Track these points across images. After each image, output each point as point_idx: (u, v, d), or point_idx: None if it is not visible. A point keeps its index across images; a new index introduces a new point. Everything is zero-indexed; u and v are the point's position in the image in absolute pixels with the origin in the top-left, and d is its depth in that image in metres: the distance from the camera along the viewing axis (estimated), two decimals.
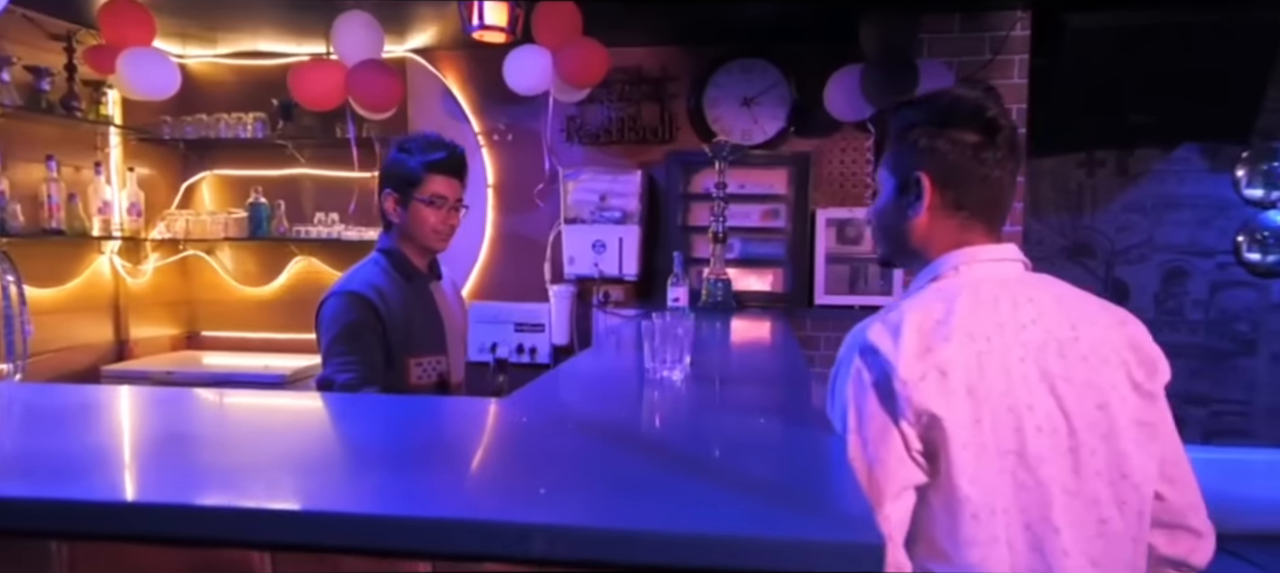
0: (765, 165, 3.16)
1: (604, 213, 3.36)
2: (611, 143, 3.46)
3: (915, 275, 1.12)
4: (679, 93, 3.40)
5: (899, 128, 1.10)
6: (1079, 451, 0.97)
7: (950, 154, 1.04)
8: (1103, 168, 3.12)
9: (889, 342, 0.97)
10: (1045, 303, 1.01)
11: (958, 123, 1.04)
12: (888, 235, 1.15)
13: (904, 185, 1.09)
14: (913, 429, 0.96)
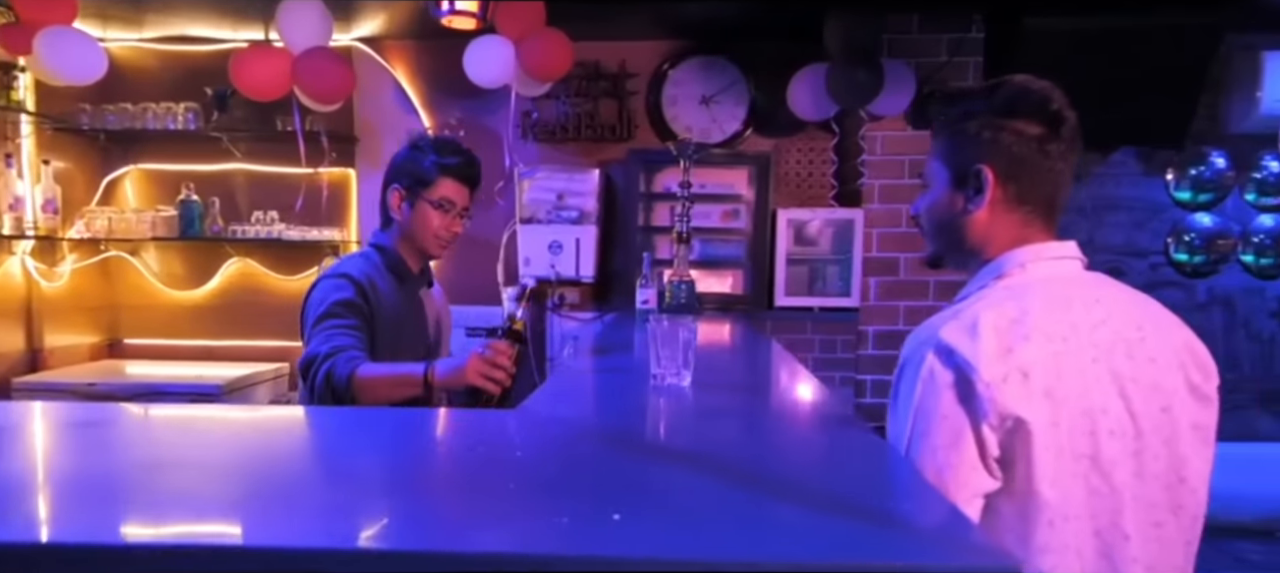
0: (726, 165, 3.15)
1: (561, 212, 3.29)
2: (568, 140, 3.39)
3: (973, 274, 1.07)
4: (637, 89, 3.36)
5: (955, 118, 1.05)
6: (1143, 454, 0.96)
7: (1015, 146, 1.01)
8: None
9: (967, 341, 0.93)
10: (1112, 303, 0.99)
11: (1023, 114, 1.01)
12: (941, 231, 1.09)
13: (961, 178, 1.05)
14: (994, 434, 0.92)
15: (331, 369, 1.44)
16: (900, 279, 3.02)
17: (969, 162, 1.03)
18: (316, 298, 1.58)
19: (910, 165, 2.99)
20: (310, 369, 1.47)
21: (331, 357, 1.44)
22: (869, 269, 3.02)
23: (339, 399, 1.42)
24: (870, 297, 3.03)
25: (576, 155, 3.41)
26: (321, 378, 1.44)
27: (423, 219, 1.67)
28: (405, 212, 1.68)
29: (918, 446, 0.96)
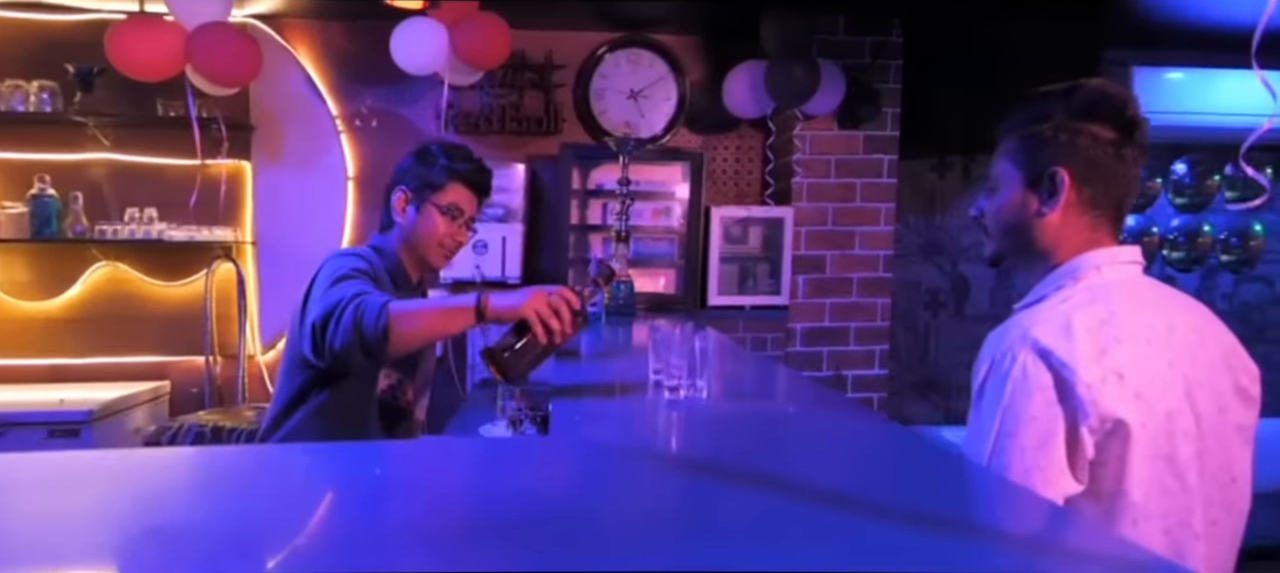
0: (658, 161, 3.12)
1: (487, 209, 3.13)
2: (491, 133, 3.24)
3: (1040, 275, 1.08)
4: (564, 82, 3.26)
5: (1029, 120, 1.07)
6: (1204, 455, 0.99)
7: (1091, 150, 1.02)
8: (951, 171, 3.45)
9: (1064, 342, 0.94)
10: (1176, 307, 1.03)
11: (1100, 118, 1.02)
12: (1009, 232, 1.10)
13: (1035, 180, 1.06)
14: (1092, 436, 0.93)
15: (361, 307, 1.27)
16: (827, 277, 3.11)
17: (1044, 164, 1.04)
18: (331, 267, 1.43)
19: (836, 165, 3.09)
20: (331, 317, 1.28)
21: (357, 298, 1.29)
22: (798, 267, 3.09)
23: (367, 341, 1.25)
24: (799, 295, 3.11)
25: (500, 149, 3.26)
26: (350, 317, 1.26)
27: (429, 224, 1.58)
28: (411, 215, 1.59)
29: (1005, 445, 0.95)
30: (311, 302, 1.40)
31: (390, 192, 1.60)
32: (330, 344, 1.28)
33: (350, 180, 3.22)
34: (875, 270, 3.10)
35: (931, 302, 3.43)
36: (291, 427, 1.52)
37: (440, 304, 1.32)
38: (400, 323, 1.26)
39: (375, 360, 1.30)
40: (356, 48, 3.16)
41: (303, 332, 1.38)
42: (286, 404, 1.52)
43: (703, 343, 1.21)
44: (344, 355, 1.28)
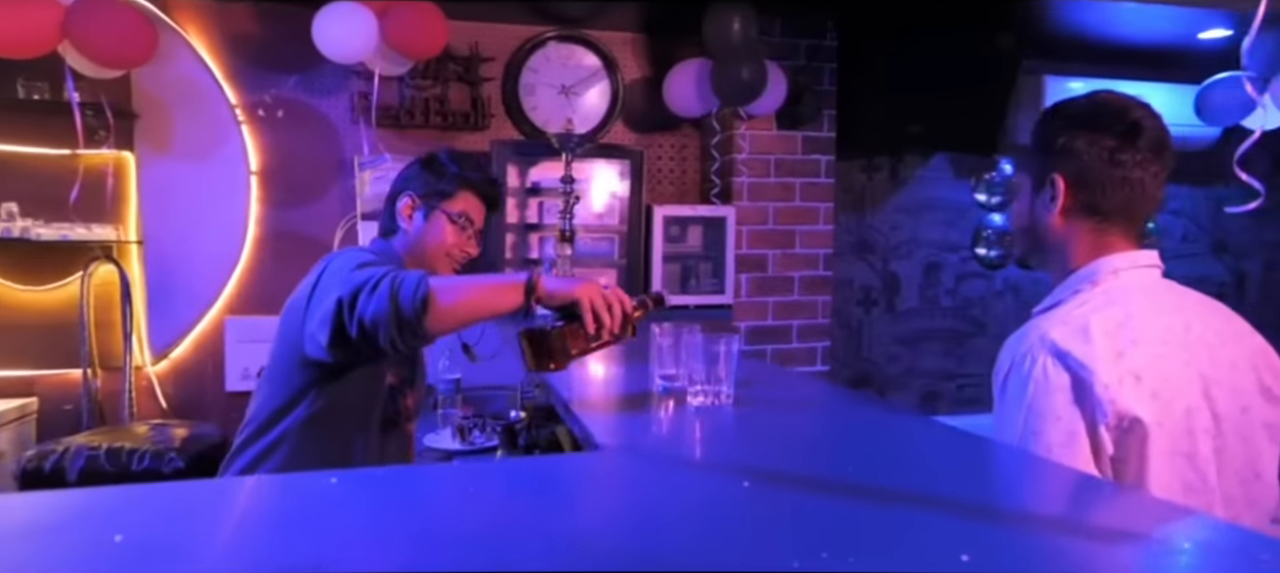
0: (597, 158, 3.00)
1: None
2: (414, 127, 3.01)
3: (1059, 277, 1.11)
4: (493, 76, 3.08)
5: (1039, 128, 1.10)
6: (1224, 452, 1.01)
7: (1085, 155, 1.05)
8: (880, 172, 3.51)
9: (1081, 344, 0.96)
10: (1194, 310, 1.06)
11: (1099, 125, 1.05)
12: (1025, 234, 1.15)
13: (1039, 185, 1.09)
14: (1110, 434, 0.95)
15: (398, 278, 1.13)
16: (769, 275, 3.08)
17: (1045, 170, 1.08)
18: (347, 258, 1.30)
19: (776, 164, 3.07)
20: (362, 290, 1.14)
21: (390, 274, 1.16)
22: (741, 266, 3.05)
23: (404, 313, 1.11)
24: (742, 294, 3.07)
25: (423, 144, 3.04)
26: (386, 287, 1.12)
27: (438, 233, 1.48)
28: (418, 222, 1.49)
29: (1030, 445, 0.97)
30: (324, 289, 1.25)
31: (394, 198, 1.52)
32: (360, 316, 1.13)
33: (253, 175, 2.92)
34: (815, 269, 3.10)
35: (864, 299, 3.48)
36: (278, 434, 1.34)
37: (485, 280, 1.21)
38: (442, 296, 1.13)
39: (408, 339, 1.14)
40: (264, 32, 2.87)
41: (310, 323, 1.24)
42: (276, 410, 1.35)
43: (728, 347, 1.12)
44: (371, 331, 1.13)
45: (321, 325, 1.20)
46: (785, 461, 0.85)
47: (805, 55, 3.05)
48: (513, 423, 1.88)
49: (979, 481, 0.79)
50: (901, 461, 0.89)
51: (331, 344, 1.19)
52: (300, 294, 1.36)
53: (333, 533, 0.58)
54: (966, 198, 3.62)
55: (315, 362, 1.29)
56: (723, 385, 1.12)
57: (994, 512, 0.64)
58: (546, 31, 3.10)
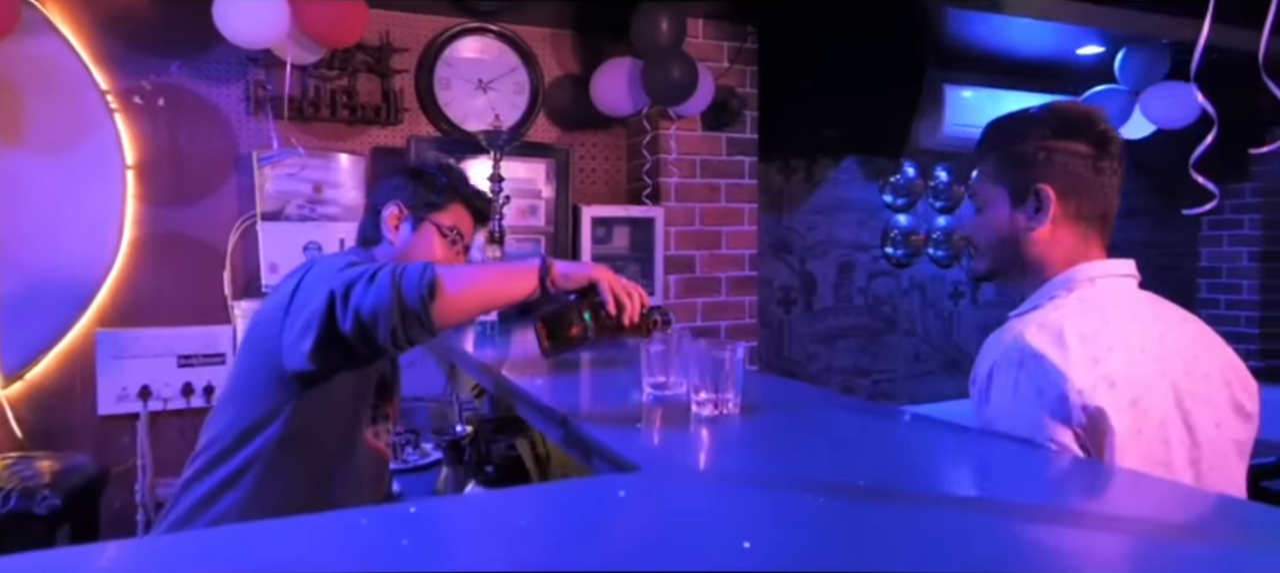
0: (521, 156, 2.87)
1: (319, 207, 2.69)
2: (319, 120, 2.78)
3: (1034, 287, 1.09)
4: (405, 68, 2.89)
5: (1007, 138, 1.09)
6: (1200, 463, 1.02)
7: (1071, 165, 1.05)
8: (796, 174, 3.57)
9: (1057, 351, 0.95)
10: (1168, 321, 1.06)
11: (1076, 134, 1.05)
12: (1000, 248, 1.11)
13: (1020, 198, 1.07)
14: (1086, 439, 0.95)
15: (399, 268, 1.04)
16: (697, 276, 3.06)
17: (1028, 181, 1.07)
18: (332, 262, 1.18)
19: (702, 165, 3.05)
20: (356, 283, 1.04)
21: (389, 265, 1.05)
22: (670, 267, 3.01)
23: (409, 304, 1.01)
24: (671, 295, 3.02)
25: (331, 139, 2.82)
26: (387, 277, 1.02)
27: (426, 245, 1.37)
28: (405, 232, 1.37)
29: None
30: (306, 294, 1.12)
31: (378, 208, 1.40)
32: (357, 309, 1.02)
33: (129, 169, 2.60)
34: (741, 269, 3.10)
35: (784, 298, 3.52)
36: (245, 457, 1.18)
37: (493, 267, 1.17)
38: (449, 283, 1.03)
39: (413, 331, 1.03)
40: (140, 10, 2.56)
41: (289, 333, 1.11)
42: (244, 431, 1.19)
43: (734, 355, 1.06)
44: (370, 325, 1.02)
45: (306, 330, 1.08)
46: (838, 471, 0.81)
47: (728, 58, 3.05)
48: (458, 438, 1.74)
49: (1044, 485, 0.76)
50: (945, 464, 0.86)
51: (317, 348, 1.07)
52: (274, 304, 1.21)
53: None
54: (876, 199, 3.75)
55: (294, 375, 1.15)
56: (730, 395, 1.06)
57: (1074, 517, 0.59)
58: (462, 23, 2.95)
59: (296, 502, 1.16)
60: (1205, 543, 0.62)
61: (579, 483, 0.76)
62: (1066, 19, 3.12)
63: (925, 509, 0.66)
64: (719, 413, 1.04)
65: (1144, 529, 0.63)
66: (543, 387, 1.25)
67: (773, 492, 0.71)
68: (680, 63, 2.61)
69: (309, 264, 1.21)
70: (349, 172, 2.72)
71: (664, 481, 0.73)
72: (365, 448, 1.27)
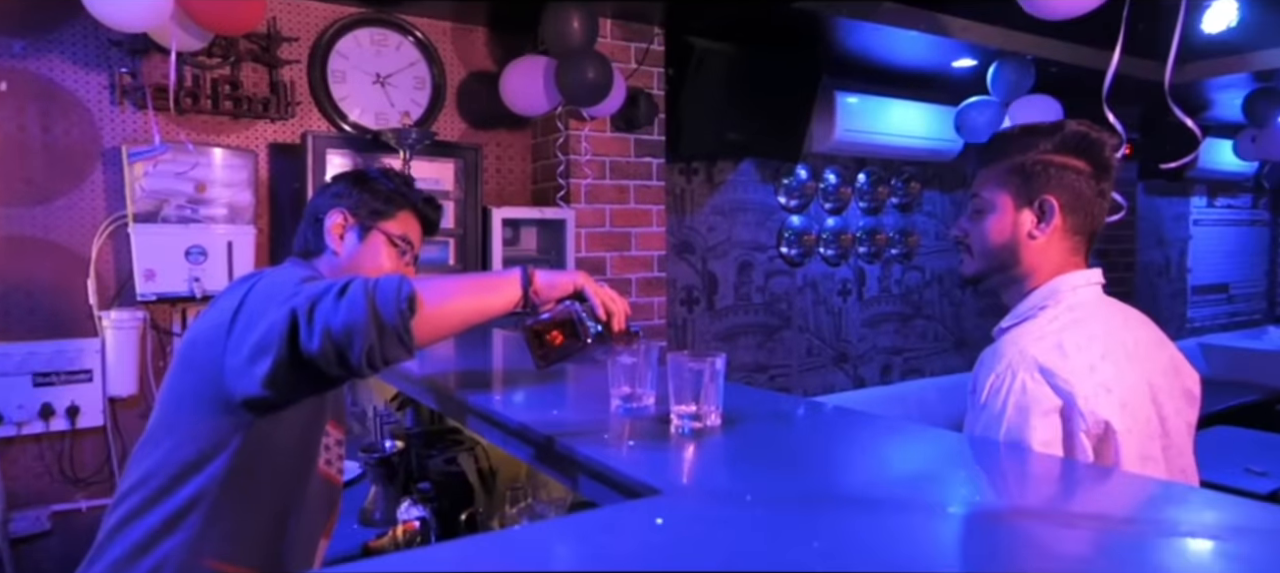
0: (428, 156, 2.75)
1: (201, 207, 2.47)
2: (197, 112, 2.55)
3: (1021, 294, 1.15)
4: (296, 58, 2.70)
5: (1018, 148, 1.14)
6: (1169, 450, 1.12)
7: (1077, 183, 1.12)
8: (697, 176, 3.63)
9: (1058, 359, 1.03)
10: (1136, 323, 1.16)
11: (1085, 154, 1.12)
12: (998, 252, 1.16)
13: (1023, 205, 1.13)
14: (1090, 442, 1.02)
15: (372, 282, 0.95)
16: (608, 278, 3.05)
17: (1036, 192, 1.13)
18: (282, 275, 1.08)
19: (611, 166, 3.05)
20: (322, 298, 0.94)
21: (358, 279, 0.98)
22: (580, 269, 2.98)
23: (386, 320, 0.93)
24: None
25: (212, 133, 2.59)
26: (359, 291, 0.93)
27: (374, 255, 1.27)
28: (351, 242, 1.27)
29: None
30: (253, 312, 1.01)
31: (320, 215, 1.30)
32: (326, 327, 0.93)
33: None
34: (651, 270, 3.12)
35: (687, 298, 3.58)
36: (187, 497, 1.05)
37: (472, 279, 1.10)
38: (429, 297, 0.96)
39: (390, 350, 0.94)
40: None
41: (236, 355, 1.01)
42: (184, 466, 1.06)
43: (714, 367, 1.06)
44: (342, 344, 0.93)
45: (260, 353, 0.97)
46: (867, 483, 0.82)
47: (635, 59, 3.06)
48: (387, 455, 1.64)
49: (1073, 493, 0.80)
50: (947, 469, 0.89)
51: (275, 372, 0.96)
52: (211, 323, 1.08)
53: None
54: (772, 200, 3.88)
55: (243, 403, 1.03)
56: (712, 406, 1.06)
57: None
58: (356, 13, 2.79)
59: (247, 545, 1.05)
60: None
61: (609, 513, 0.74)
62: (942, 32, 3.34)
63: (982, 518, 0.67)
64: (702, 426, 1.04)
65: (1132, 525, 0.68)
66: (507, 404, 1.20)
67: (820, 510, 0.71)
68: (595, 62, 2.59)
69: (251, 279, 1.10)
70: (237, 169, 2.51)
71: (696, 504, 0.72)
72: (318, 478, 1.17)
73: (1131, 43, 2.20)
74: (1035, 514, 0.74)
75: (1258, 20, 3.28)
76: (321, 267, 1.26)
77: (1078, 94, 3.67)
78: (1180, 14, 1.82)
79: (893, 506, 0.73)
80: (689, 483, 0.81)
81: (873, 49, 3.56)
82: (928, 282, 4.40)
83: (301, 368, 0.94)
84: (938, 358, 4.45)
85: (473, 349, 1.96)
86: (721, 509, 0.71)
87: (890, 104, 3.94)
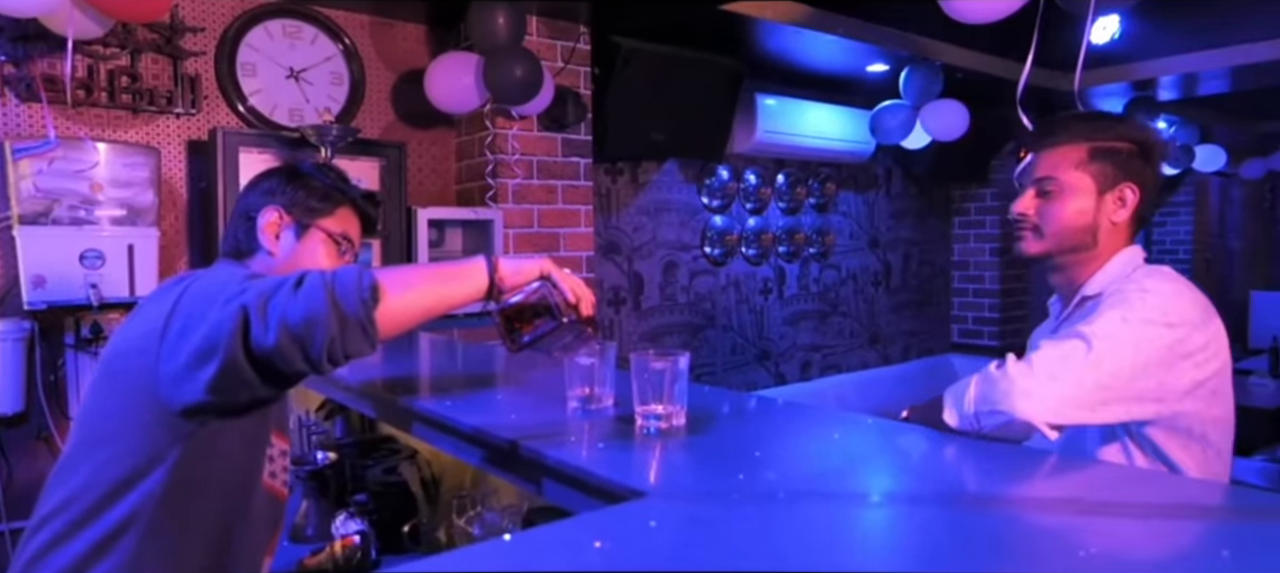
0: (350, 154, 2.64)
1: (95, 208, 2.29)
2: (92, 105, 2.37)
3: (1090, 273, 1.22)
4: (202, 49, 2.55)
5: (1095, 134, 1.21)
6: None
7: (1149, 175, 1.22)
8: (622, 176, 3.63)
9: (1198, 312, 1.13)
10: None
11: (1153, 155, 1.22)
12: (1074, 233, 1.21)
13: (1107, 190, 1.20)
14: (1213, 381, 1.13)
15: (330, 274, 0.90)
16: None
17: (1120, 179, 1.20)
18: (219, 275, 1.01)
19: (539, 166, 3.01)
20: (278, 293, 0.90)
21: (314, 271, 0.93)
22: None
23: (347, 312, 0.88)
24: None
25: (104, 127, 2.40)
26: (316, 284, 0.88)
27: (312, 254, 1.20)
28: (288, 241, 1.19)
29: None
30: (189, 316, 0.94)
31: (252, 214, 1.22)
32: (283, 321, 0.87)
33: None
34: (579, 271, 3.10)
35: (614, 298, 3.57)
36: (120, 517, 0.96)
37: (434, 268, 1.02)
38: (392, 287, 0.92)
39: (353, 344, 0.89)
40: None
41: (172, 362, 0.94)
42: (116, 484, 0.97)
43: (676, 367, 1.05)
44: (301, 338, 0.87)
45: (203, 357, 0.90)
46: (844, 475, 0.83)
47: (562, 57, 3.03)
48: (320, 467, 1.56)
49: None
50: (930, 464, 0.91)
51: (221, 377, 0.89)
52: (141, 330, 0.99)
53: None
54: (695, 200, 3.92)
55: (181, 413, 0.95)
56: (676, 406, 1.06)
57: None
58: (267, 2, 2.65)
59: (187, 566, 0.97)
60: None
61: (598, 517, 0.72)
62: (858, 36, 3.46)
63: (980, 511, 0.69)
64: (669, 425, 1.03)
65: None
66: (459, 408, 1.17)
67: (809, 503, 0.72)
68: (524, 60, 2.55)
69: (183, 281, 1.01)
70: (136, 167, 2.34)
71: (685, 505, 0.72)
72: (263, 492, 1.10)
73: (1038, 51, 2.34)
74: (1004, 502, 0.77)
75: (1136, 33, 3.55)
76: (256, 267, 1.18)
77: (981, 99, 3.89)
78: (1087, 24, 1.94)
79: (873, 499, 0.74)
80: (673, 484, 0.80)
81: (791, 52, 3.65)
82: (844, 280, 4.55)
83: (254, 369, 0.88)
84: (854, 354, 4.61)
85: (400, 355, 1.89)
86: (710, 509, 0.70)
87: (808, 107, 4.05)
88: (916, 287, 4.95)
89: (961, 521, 0.70)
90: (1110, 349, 1.03)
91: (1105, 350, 1.03)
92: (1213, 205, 6.48)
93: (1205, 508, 0.75)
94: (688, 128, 3.51)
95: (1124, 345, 1.04)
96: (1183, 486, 0.93)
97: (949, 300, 5.23)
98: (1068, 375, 1.01)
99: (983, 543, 0.66)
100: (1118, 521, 0.69)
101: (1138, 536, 0.66)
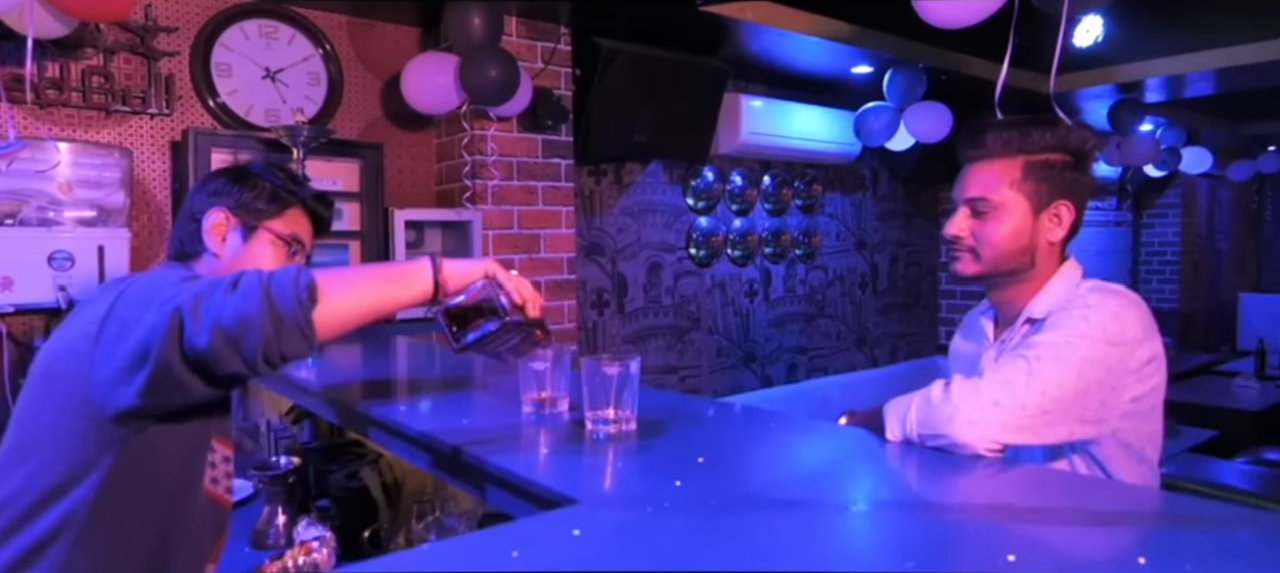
0: (327, 155, 2.62)
1: (67, 210, 2.26)
2: (63, 105, 2.35)
3: (1031, 293, 1.19)
4: (176, 49, 2.52)
5: (1025, 148, 1.16)
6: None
7: (1078, 185, 1.18)
8: (606, 177, 3.61)
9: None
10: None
11: (1086, 168, 1.19)
12: (1011, 256, 1.17)
13: (1041, 209, 1.16)
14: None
15: (267, 275, 0.88)
16: None
17: (1053, 197, 1.16)
18: (159, 278, 1.00)
19: (519, 168, 2.99)
20: (212, 293, 0.88)
21: (251, 272, 0.91)
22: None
23: (284, 313, 0.87)
24: None
25: (76, 128, 2.38)
26: (253, 284, 0.86)
27: (260, 257, 1.17)
28: (234, 243, 1.17)
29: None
30: (124, 319, 0.92)
31: (198, 215, 1.19)
32: (216, 322, 0.85)
33: None
34: (561, 273, 3.08)
35: (597, 300, 3.56)
36: (51, 524, 0.94)
37: (376, 269, 1.03)
38: (330, 287, 0.90)
39: (289, 345, 0.88)
40: None
41: (107, 365, 0.92)
42: (48, 490, 0.95)
43: (628, 369, 1.04)
44: (234, 338, 0.85)
45: (136, 360, 0.88)
46: (783, 483, 0.81)
47: (542, 58, 3.01)
48: (282, 472, 1.54)
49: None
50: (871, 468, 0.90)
51: (154, 380, 0.88)
52: (76, 333, 0.97)
53: None
54: (680, 202, 3.91)
55: (116, 417, 0.93)
56: (628, 411, 1.04)
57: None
58: (243, 2, 2.64)
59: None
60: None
61: (522, 525, 0.70)
62: (841, 38, 3.45)
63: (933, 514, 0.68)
64: (618, 430, 1.02)
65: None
66: (412, 413, 1.15)
67: (740, 512, 0.70)
68: (500, 60, 2.54)
69: (120, 284, 0.99)
70: (108, 168, 2.31)
71: (613, 513, 0.70)
72: (204, 498, 1.08)
73: (1015, 53, 2.33)
74: (937, 507, 0.76)
75: (1121, 35, 3.55)
76: (201, 270, 1.16)
77: (966, 101, 3.88)
78: (1062, 26, 1.93)
79: (809, 506, 0.73)
80: (606, 491, 0.78)
81: (775, 53, 3.65)
82: (830, 281, 4.54)
83: (188, 372, 0.86)
84: (841, 356, 4.60)
85: (376, 358, 1.88)
86: (639, 517, 0.69)
87: (793, 108, 4.04)
88: (904, 288, 4.94)
89: (897, 525, 0.69)
90: (1054, 374, 1.01)
91: (1050, 375, 1.01)
92: (1200, 207, 6.49)
93: (1132, 513, 0.73)
94: (672, 129, 3.49)
95: (1068, 369, 1.02)
96: (1114, 491, 0.91)
97: (937, 302, 5.23)
98: (1011, 402, 0.99)
99: (919, 548, 0.65)
100: (1046, 526, 0.67)
101: (1066, 541, 0.65)
